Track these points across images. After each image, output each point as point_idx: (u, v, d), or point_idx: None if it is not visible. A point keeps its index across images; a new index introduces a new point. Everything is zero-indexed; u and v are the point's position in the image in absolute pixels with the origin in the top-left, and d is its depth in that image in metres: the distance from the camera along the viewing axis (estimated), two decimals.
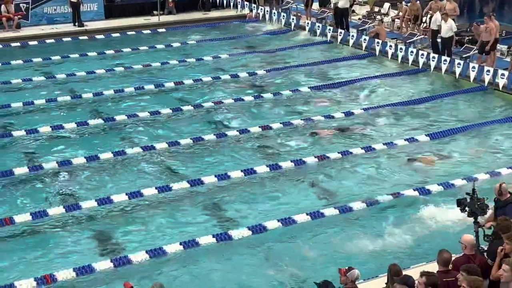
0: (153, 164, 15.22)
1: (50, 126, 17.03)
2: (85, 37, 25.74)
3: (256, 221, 12.56)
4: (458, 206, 9.73)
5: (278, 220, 12.47)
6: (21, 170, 14.62)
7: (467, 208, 9.60)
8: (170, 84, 20.36)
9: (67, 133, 16.87)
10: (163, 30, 27.07)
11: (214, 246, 11.73)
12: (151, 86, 20.18)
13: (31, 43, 24.98)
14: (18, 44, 24.73)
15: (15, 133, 16.72)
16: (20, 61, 22.67)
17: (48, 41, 25.17)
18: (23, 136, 16.59)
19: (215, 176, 14.27)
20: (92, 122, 17.41)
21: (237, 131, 16.75)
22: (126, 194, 13.50)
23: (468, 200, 9.63)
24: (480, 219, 9.71)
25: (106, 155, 15.34)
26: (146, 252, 11.36)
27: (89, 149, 15.79)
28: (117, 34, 26.22)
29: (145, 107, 18.58)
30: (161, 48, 24.39)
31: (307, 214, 12.69)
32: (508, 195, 10.65)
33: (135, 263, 11.10)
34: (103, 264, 11.05)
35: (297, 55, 23.94)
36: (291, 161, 14.98)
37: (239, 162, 15.23)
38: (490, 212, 10.41)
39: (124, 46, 24.45)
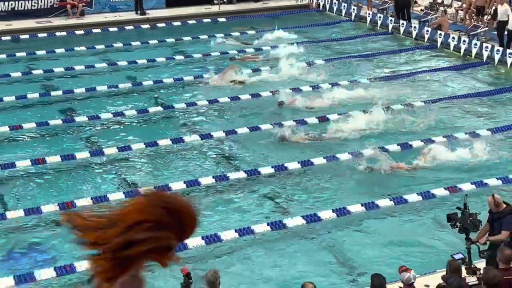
0: (210, 152, 15.35)
1: (112, 113, 17.36)
2: (147, 26, 26.07)
3: (311, 210, 12.55)
4: (448, 221, 9.35)
5: (333, 211, 12.46)
6: (82, 155, 14.95)
7: (458, 224, 9.25)
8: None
9: (128, 120, 17.17)
10: (223, 19, 27.17)
11: (269, 234, 11.78)
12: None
13: (94, 30, 25.46)
14: (81, 31, 25.22)
15: (78, 119, 17.10)
16: (84, 48, 23.14)
17: (111, 29, 25.61)
18: (85, 122, 16.96)
19: (272, 167, 14.31)
20: (152, 109, 17.64)
21: (293, 120, 16.70)
22: (184, 182, 13.66)
23: (459, 215, 9.26)
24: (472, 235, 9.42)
25: (164, 142, 15.54)
26: (202, 238, 11.49)
27: (148, 136, 16.01)
28: (178, 23, 26.47)
29: (204, 96, 18.71)
30: (220, 37, 24.46)
31: (361, 205, 12.63)
32: (504, 205, 10.06)
33: (191, 248, 11.24)
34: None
35: (357, 46, 23.70)
36: (348, 153, 14.89)
37: (294, 153, 15.21)
38: (483, 226, 9.91)
39: (185, 35, 24.64)
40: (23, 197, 13.39)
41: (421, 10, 27.11)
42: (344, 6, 27.16)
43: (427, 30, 23.52)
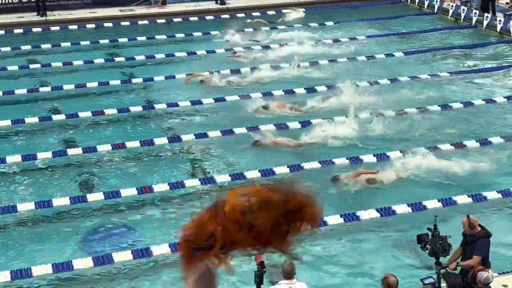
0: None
1: (190, 101, 17.61)
2: (227, 16, 26.25)
3: (384, 204, 12.43)
4: (418, 243, 8.73)
5: (408, 205, 12.30)
6: (160, 141, 15.25)
7: (428, 246, 8.62)
8: (305, 65, 20.34)
9: (204, 108, 17.37)
10: (302, 10, 27.01)
11: (341, 226, 11.75)
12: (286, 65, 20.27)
13: (175, 19, 25.83)
14: (163, 20, 25.65)
15: (157, 106, 17.44)
16: (164, 37, 23.53)
17: (191, 18, 25.88)
18: (164, 109, 17.27)
19: (347, 158, 14.24)
20: (228, 98, 17.77)
21: (370, 113, 16.49)
22: (259, 171, 13.76)
23: (430, 237, 8.63)
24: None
25: (240, 130, 15.64)
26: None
27: (224, 125, 16.17)
28: (257, 13, 26.54)
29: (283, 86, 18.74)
30: (298, 27, 24.35)
31: (438, 201, 12.39)
32: (479, 228, 9.54)
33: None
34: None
35: (439, 38, 23.17)
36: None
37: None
38: (455, 249, 9.34)
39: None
40: (104, 181, 13.78)
41: (507, 3, 26.25)
42: None
43: None
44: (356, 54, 21.30)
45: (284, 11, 26.52)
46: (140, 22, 25.24)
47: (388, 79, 19.02)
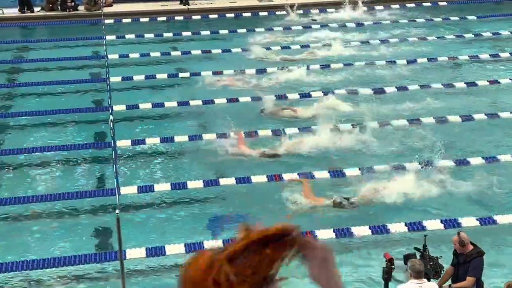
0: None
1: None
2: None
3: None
4: (405, 263, 8.08)
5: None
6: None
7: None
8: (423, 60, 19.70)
9: None
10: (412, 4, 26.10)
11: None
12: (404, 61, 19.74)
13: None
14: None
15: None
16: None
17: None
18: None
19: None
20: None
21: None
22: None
23: (418, 257, 8.04)
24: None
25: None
26: (405, 224, 11.37)
27: None
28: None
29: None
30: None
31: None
32: (471, 247, 8.71)
33: (393, 233, 11.16)
34: (362, 230, 11.30)
35: None
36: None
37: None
38: (446, 270, 8.65)
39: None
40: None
41: None
42: None
43: None
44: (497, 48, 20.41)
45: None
46: (277, 13, 25.36)
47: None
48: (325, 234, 11.04)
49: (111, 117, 13.05)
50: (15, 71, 20.12)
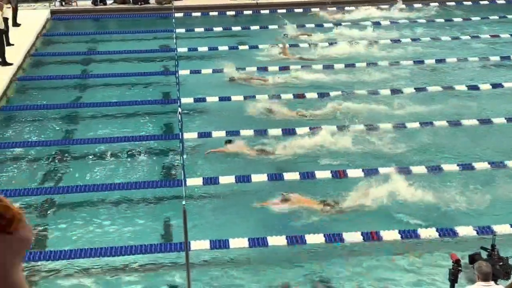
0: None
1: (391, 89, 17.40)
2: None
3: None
4: (471, 263, 7.51)
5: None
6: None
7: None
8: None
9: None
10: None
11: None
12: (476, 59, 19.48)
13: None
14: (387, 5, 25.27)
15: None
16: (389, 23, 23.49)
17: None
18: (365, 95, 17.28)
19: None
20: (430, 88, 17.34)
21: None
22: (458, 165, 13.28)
23: (485, 257, 7.45)
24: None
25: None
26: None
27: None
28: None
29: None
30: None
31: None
32: None
33: (461, 236, 10.98)
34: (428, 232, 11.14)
35: None
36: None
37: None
38: None
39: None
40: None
41: None
42: None
43: None
44: None
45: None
46: (346, 8, 25.18)
47: None
48: (389, 236, 11.00)
49: (180, 109, 13.22)
50: (87, 62, 20.61)
